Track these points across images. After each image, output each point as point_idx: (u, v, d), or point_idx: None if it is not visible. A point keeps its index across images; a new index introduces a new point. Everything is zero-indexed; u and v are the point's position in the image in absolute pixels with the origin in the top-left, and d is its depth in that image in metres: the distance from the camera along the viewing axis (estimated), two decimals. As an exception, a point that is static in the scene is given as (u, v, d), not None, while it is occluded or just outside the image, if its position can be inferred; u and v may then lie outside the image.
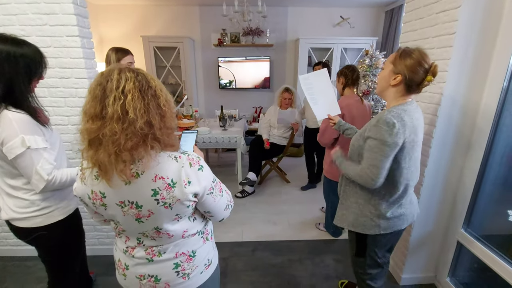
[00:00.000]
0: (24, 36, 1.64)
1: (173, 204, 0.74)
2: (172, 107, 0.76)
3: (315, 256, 2.08)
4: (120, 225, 0.80)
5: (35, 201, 1.12)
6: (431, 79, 1.06)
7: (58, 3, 1.59)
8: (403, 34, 1.82)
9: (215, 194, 0.82)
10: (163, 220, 0.76)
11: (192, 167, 0.75)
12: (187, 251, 0.85)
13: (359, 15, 4.25)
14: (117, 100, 0.65)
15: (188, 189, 0.73)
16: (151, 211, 0.74)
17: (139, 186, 0.71)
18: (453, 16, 1.37)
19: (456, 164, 1.59)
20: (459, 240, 1.61)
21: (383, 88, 1.15)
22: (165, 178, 0.72)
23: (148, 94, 0.69)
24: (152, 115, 0.69)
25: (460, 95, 1.46)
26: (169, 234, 0.79)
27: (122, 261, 0.87)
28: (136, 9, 4.17)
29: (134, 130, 0.66)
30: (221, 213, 0.88)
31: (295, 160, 4.21)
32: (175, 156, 0.75)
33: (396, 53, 1.10)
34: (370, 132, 1.09)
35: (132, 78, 0.68)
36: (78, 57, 1.69)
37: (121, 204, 0.74)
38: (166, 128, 0.73)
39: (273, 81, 4.55)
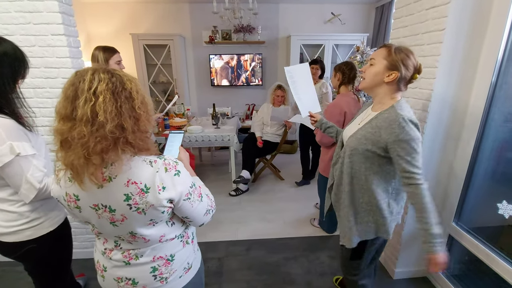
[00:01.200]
0: (7, 35, 1.59)
1: (146, 209, 0.71)
2: (150, 110, 0.74)
3: (310, 253, 2.09)
4: (95, 227, 0.79)
5: (24, 213, 1.04)
6: (417, 77, 1.07)
7: (42, 1, 1.54)
8: (393, 30, 1.83)
9: (192, 200, 0.79)
10: (137, 225, 0.74)
11: (167, 172, 0.72)
12: (165, 255, 0.83)
13: (350, 12, 4.26)
14: (87, 102, 0.63)
15: (162, 195, 0.71)
16: (124, 215, 0.72)
17: (111, 190, 0.69)
18: (442, 12, 1.38)
19: (446, 159, 1.61)
20: (450, 233, 1.64)
21: (375, 84, 1.10)
22: (138, 183, 0.70)
23: (121, 96, 0.67)
24: (125, 118, 0.67)
25: (450, 90, 1.48)
26: (145, 238, 0.77)
27: (100, 263, 0.86)
28: (124, 6, 4.08)
29: (104, 133, 0.64)
30: (200, 218, 0.85)
31: (288, 157, 4.22)
32: (150, 161, 0.73)
33: (387, 49, 1.07)
34: (399, 136, 0.98)
35: (106, 79, 0.65)
36: (64, 56, 1.64)
37: (95, 207, 0.72)
38: (141, 132, 0.71)
39: (265, 78, 4.53)
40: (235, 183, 2.98)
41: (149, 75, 4.25)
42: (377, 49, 1.14)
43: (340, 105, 1.91)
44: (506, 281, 1.30)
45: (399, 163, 1.02)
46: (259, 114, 3.32)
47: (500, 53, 1.33)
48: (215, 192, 3.06)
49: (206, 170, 3.78)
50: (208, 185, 3.42)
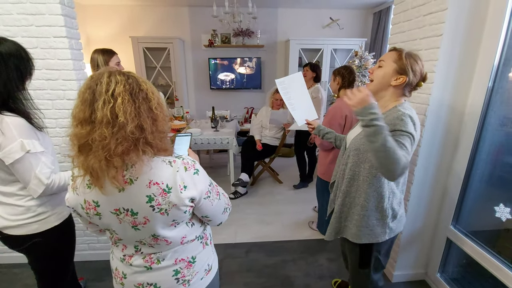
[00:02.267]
0: (9, 37, 1.58)
1: (169, 210, 0.72)
2: (165, 110, 0.74)
3: (309, 256, 2.10)
4: (116, 234, 0.78)
5: (31, 207, 1.08)
6: (422, 84, 1.09)
7: (45, 4, 1.55)
8: (392, 35, 1.86)
9: (212, 198, 0.80)
10: (159, 226, 0.74)
11: (187, 171, 0.73)
12: (187, 257, 0.83)
13: (348, 17, 4.32)
14: (106, 104, 0.63)
15: (184, 194, 0.71)
16: (147, 218, 0.72)
17: (133, 192, 0.69)
18: (440, 18, 1.41)
19: (444, 162, 1.63)
20: (448, 236, 1.65)
21: (382, 87, 1.09)
22: (160, 183, 0.70)
23: (139, 97, 0.67)
24: (144, 118, 0.67)
25: (447, 95, 1.50)
26: (167, 240, 0.77)
27: (119, 270, 0.84)
28: (124, 9, 4.10)
29: (125, 134, 0.64)
30: (219, 216, 0.87)
31: (287, 160, 4.23)
32: (169, 161, 0.73)
33: (397, 53, 1.07)
34: (395, 127, 0.98)
35: (123, 81, 0.66)
36: (66, 59, 1.65)
37: (116, 211, 0.72)
38: (159, 132, 0.71)
39: (264, 81, 4.56)
40: (234, 186, 2.98)
41: (149, 78, 4.25)
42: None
43: (341, 109, 1.93)
44: (504, 284, 1.31)
45: None
46: (258, 117, 3.34)
47: (496, 58, 1.35)
48: (214, 195, 3.06)
49: (204, 173, 3.77)
50: (207, 187, 3.39)
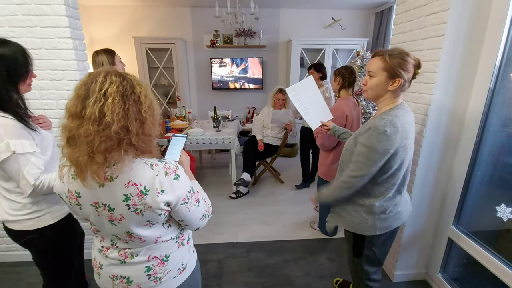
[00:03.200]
0: (14, 37, 1.62)
1: (144, 211, 0.74)
2: (156, 114, 0.77)
3: (310, 256, 2.10)
4: (94, 225, 0.82)
5: (26, 204, 1.11)
6: (418, 72, 1.10)
7: (49, 5, 1.58)
8: (393, 35, 1.86)
9: (189, 204, 0.81)
10: (134, 225, 0.76)
11: (167, 176, 0.74)
12: (160, 255, 0.84)
13: (350, 17, 4.32)
14: (97, 102, 0.66)
15: (160, 198, 0.73)
16: (122, 215, 0.74)
17: (112, 189, 0.72)
18: (442, 19, 1.41)
19: (446, 162, 1.63)
20: (449, 236, 1.65)
21: (380, 95, 1.13)
22: (138, 184, 0.72)
23: (130, 99, 0.69)
24: (131, 120, 0.69)
25: (449, 95, 1.50)
26: (141, 239, 0.79)
27: (97, 260, 0.87)
28: (127, 10, 4.13)
29: (109, 133, 0.66)
30: (196, 222, 0.87)
31: (289, 160, 4.24)
32: (151, 164, 0.75)
33: (381, 58, 1.08)
34: (361, 138, 1.11)
35: (117, 82, 0.68)
36: (70, 59, 1.67)
37: (95, 205, 0.75)
38: (145, 135, 0.73)
39: (266, 82, 4.57)
40: (235, 185, 2.99)
41: (151, 78, 4.28)
42: (370, 58, 1.18)
43: (342, 108, 1.93)
44: (505, 284, 1.31)
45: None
46: (260, 117, 3.35)
47: (498, 58, 1.35)
48: (215, 195, 3.08)
49: (206, 172, 3.79)
50: (208, 187, 3.43)
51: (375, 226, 1.20)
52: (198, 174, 3.66)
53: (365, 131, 1.10)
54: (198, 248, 1.03)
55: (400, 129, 1.05)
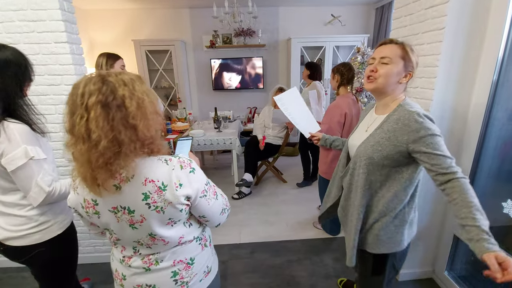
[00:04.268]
0: (12, 44, 1.61)
1: (165, 207, 0.72)
2: (151, 113, 0.70)
3: (314, 256, 2.08)
4: (114, 233, 0.79)
5: (33, 217, 1.06)
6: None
7: (45, 10, 1.57)
8: (393, 30, 1.83)
9: (208, 197, 0.80)
10: (156, 225, 0.74)
11: (183, 169, 0.73)
12: (185, 258, 0.83)
13: (350, 13, 4.28)
14: (82, 118, 0.62)
15: (179, 192, 0.72)
16: (143, 216, 0.72)
17: (130, 190, 0.70)
18: (442, 11, 1.38)
19: (449, 158, 1.60)
20: (455, 233, 1.62)
21: (389, 86, 1.00)
22: (156, 181, 0.70)
23: (112, 107, 0.64)
24: (119, 130, 0.64)
25: (451, 89, 1.47)
26: (164, 240, 0.77)
27: (119, 271, 0.85)
28: (125, 13, 4.13)
29: (100, 150, 0.63)
30: (217, 217, 0.86)
31: (291, 159, 4.21)
32: (165, 159, 0.74)
33: (400, 47, 0.99)
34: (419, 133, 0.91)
35: (95, 91, 0.63)
36: (68, 64, 1.66)
37: (114, 210, 0.72)
38: (141, 141, 0.69)
39: (266, 81, 4.55)
40: (237, 186, 2.98)
41: (151, 81, 4.29)
42: (378, 45, 1.05)
43: (340, 106, 1.91)
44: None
45: (427, 161, 0.90)
46: (260, 117, 3.33)
47: (501, 50, 1.32)
48: (218, 196, 3.07)
49: (208, 174, 3.77)
50: (211, 188, 3.38)
51: (405, 238, 1.04)
52: (200, 175, 3.66)
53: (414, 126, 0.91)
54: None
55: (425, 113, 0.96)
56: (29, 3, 1.55)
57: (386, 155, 0.98)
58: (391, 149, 0.97)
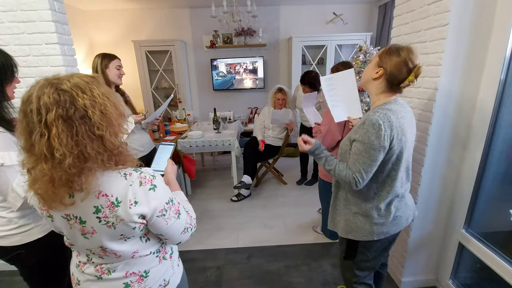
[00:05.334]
0: (2, 45, 1.60)
1: (116, 224, 0.68)
2: (116, 117, 0.66)
3: (312, 261, 2.02)
4: (67, 238, 0.77)
5: (13, 219, 1.05)
6: (413, 79, 1.01)
7: (35, 10, 1.54)
8: (394, 28, 1.77)
9: (167, 217, 0.74)
10: (106, 239, 0.70)
11: (142, 186, 0.68)
12: (139, 271, 0.79)
13: (352, 11, 4.19)
14: (42, 137, 0.58)
15: (133, 210, 0.67)
16: (94, 228, 0.69)
17: (82, 201, 0.66)
18: (445, 7, 1.31)
19: (453, 162, 1.52)
20: (460, 240, 1.54)
21: (366, 81, 1.12)
22: (109, 196, 0.66)
23: (75, 119, 0.59)
24: (85, 144, 0.60)
25: (455, 89, 1.39)
26: (116, 254, 0.74)
27: (75, 276, 0.83)
28: (125, 13, 4.11)
29: (65, 168, 0.59)
30: (177, 236, 0.79)
31: (292, 160, 4.14)
32: (125, 173, 0.69)
33: (386, 48, 1.06)
34: (356, 135, 1.04)
35: (53, 104, 0.57)
36: (59, 65, 1.64)
37: (67, 217, 0.69)
38: (109, 151, 0.65)
39: (267, 81, 4.49)
40: (235, 188, 2.93)
41: (152, 81, 4.26)
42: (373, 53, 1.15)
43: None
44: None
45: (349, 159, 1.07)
46: (260, 118, 3.27)
47: (508, 48, 1.24)
48: (217, 198, 3.03)
49: (208, 175, 3.74)
50: (209, 190, 3.36)
51: (373, 231, 1.13)
52: (200, 177, 3.62)
53: (359, 127, 1.04)
54: (197, 254, 0.97)
55: (395, 123, 1.00)
56: (19, 3, 1.52)
57: (347, 149, 1.10)
58: (348, 144, 1.09)
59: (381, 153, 1.00)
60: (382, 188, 1.10)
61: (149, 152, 2.04)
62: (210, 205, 2.90)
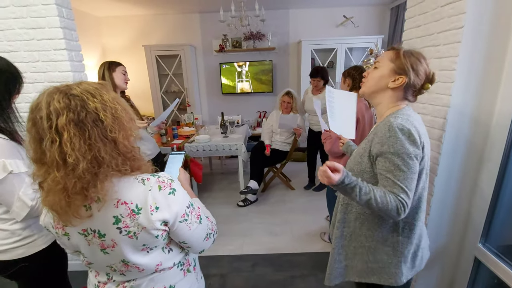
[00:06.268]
0: (12, 51, 1.63)
1: (138, 233, 0.65)
2: (127, 121, 0.65)
3: (320, 272, 1.95)
4: (85, 257, 0.72)
5: (16, 231, 1.03)
6: (429, 87, 0.92)
7: (44, 17, 1.57)
8: (406, 31, 1.69)
9: (190, 222, 0.71)
10: (128, 251, 0.67)
11: (161, 190, 0.66)
12: (164, 286, 0.75)
13: (364, 14, 4.11)
14: (53, 143, 0.56)
15: (155, 216, 0.64)
16: (114, 241, 0.65)
17: (100, 212, 0.63)
18: (460, 9, 1.24)
19: (469, 171, 1.43)
20: (476, 256, 1.45)
21: (378, 89, 0.95)
22: (129, 203, 0.63)
23: (87, 123, 0.58)
24: (98, 148, 0.59)
25: (471, 96, 1.32)
26: (139, 268, 0.70)
27: None
28: (137, 19, 4.19)
29: (79, 173, 0.57)
30: (200, 243, 0.76)
31: (301, 165, 4.06)
32: (142, 179, 0.66)
33: (395, 51, 0.94)
34: (383, 147, 0.84)
35: (63, 109, 0.56)
36: (66, 71, 1.66)
37: (84, 232, 0.66)
38: (123, 155, 0.63)
39: (276, 84, 4.45)
40: (241, 194, 2.89)
41: (161, 85, 4.31)
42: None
43: (352, 112, 1.78)
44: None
45: (380, 180, 0.85)
46: (268, 122, 3.24)
47: (529, 51, 1.16)
48: (223, 202, 3.00)
49: (215, 179, 3.73)
50: (216, 194, 3.34)
51: (402, 272, 0.93)
52: (207, 181, 3.61)
53: (383, 137, 0.85)
54: (200, 261, 0.94)
55: (420, 130, 0.87)
56: (29, 11, 1.55)
57: (364, 169, 0.91)
58: (367, 162, 0.89)
59: (418, 163, 0.83)
60: (411, 211, 0.91)
61: (156, 155, 2.06)
62: (216, 209, 2.88)
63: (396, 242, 0.93)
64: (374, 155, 0.87)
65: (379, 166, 0.85)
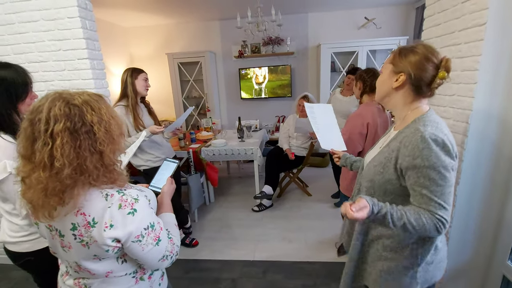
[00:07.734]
0: (42, 61, 1.78)
1: (90, 243, 0.68)
2: (117, 135, 0.69)
3: (332, 282, 1.87)
4: (50, 247, 0.79)
5: (24, 226, 1.11)
6: (445, 75, 0.81)
7: (70, 29, 1.70)
8: (425, 30, 1.61)
9: (144, 243, 0.71)
10: (81, 256, 0.71)
11: (120, 209, 0.67)
12: None
13: (386, 14, 3.96)
14: (45, 146, 0.60)
15: (107, 233, 0.66)
16: (70, 244, 0.70)
17: (62, 214, 0.67)
18: (482, 4, 1.16)
19: (496, 180, 1.31)
20: (505, 274, 1.31)
21: (385, 94, 0.92)
22: (87, 215, 0.66)
23: (81, 133, 0.62)
24: (85, 158, 0.63)
25: (496, 98, 1.21)
26: (90, 272, 0.73)
27: (59, 285, 0.85)
28: (160, 28, 4.39)
29: (62, 177, 0.61)
30: (154, 264, 0.76)
31: (319, 170, 3.98)
32: (107, 194, 0.68)
33: (393, 52, 0.91)
34: (415, 160, 0.77)
35: (62, 117, 0.60)
36: (88, 78, 1.77)
37: (49, 227, 0.72)
38: (105, 167, 0.67)
39: (295, 89, 4.41)
40: (256, 199, 2.88)
41: (183, 91, 4.45)
42: None
43: (362, 116, 1.71)
44: None
45: (413, 196, 0.80)
46: (285, 126, 3.21)
47: None
48: (238, 206, 3.01)
49: (232, 183, 3.75)
50: (232, 198, 3.34)
51: (417, 281, 0.89)
52: (224, 185, 3.64)
53: (414, 150, 0.78)
54: (213, 264, 0.93)
55: (451, 137, 0.81)
56: (56, 24, 1.69)
57: (388, 179, 0.84)
58: (392, 173, 0.83)
59: (454, 175, 0.78)
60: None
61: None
62: (231, 213, 2.89)
63: (415, 252, 0.88)
64: (404, 168, 0.80)
65: (411, 180, 0.79)
